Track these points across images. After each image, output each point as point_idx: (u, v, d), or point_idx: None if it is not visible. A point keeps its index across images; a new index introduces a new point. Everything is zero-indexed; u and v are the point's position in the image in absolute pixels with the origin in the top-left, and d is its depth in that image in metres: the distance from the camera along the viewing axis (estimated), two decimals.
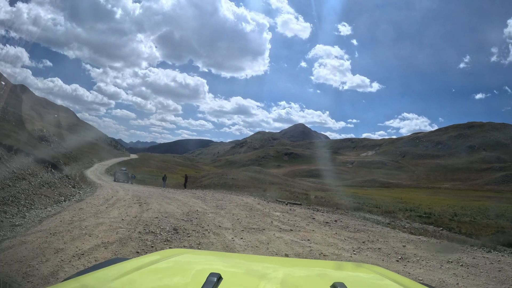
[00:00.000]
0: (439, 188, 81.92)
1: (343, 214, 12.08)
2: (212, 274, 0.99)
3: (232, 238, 7.01)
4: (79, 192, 13.89)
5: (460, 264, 6.07)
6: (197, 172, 74.13)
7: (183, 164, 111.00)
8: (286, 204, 14.60)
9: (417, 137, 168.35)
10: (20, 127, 32.35)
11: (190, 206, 11.49)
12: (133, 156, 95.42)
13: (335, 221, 10.38)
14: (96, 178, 27.34)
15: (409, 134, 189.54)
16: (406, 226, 10.58)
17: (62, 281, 1.10)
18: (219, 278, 0.99)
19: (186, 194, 16.96)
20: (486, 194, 64.20)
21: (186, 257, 1.55)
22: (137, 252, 5.49)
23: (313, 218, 10.66)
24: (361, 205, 16.21)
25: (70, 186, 14.10)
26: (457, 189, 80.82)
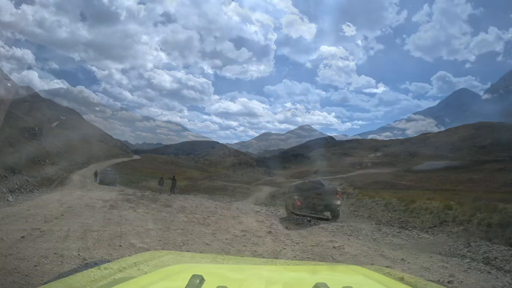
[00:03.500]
0: (453, 190, 78.26)
1: (407, 241, 8.00)
2: (194, 276, 0.98)
3: None
4: (8, 200, 10.82)
5: None
6: (201, 174, 71.71)
7: (187, 166, 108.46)
8: (309, 221, 10.86)
9: (426, 138, 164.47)
10: (7, 125, 30.02)
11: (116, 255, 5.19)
12: (136, 157, 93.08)
13: None
14: (80, 179, 24.79)
15: (416, 135, 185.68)
16: None
17: (45, 283, 1.06)
18: (202, 279, 0.98)
19: (151, 208, 11.29)
20: (508, 196, 60.56)
21: (169, 259, 1.54)
22: None
23: None
24: (401, 217, 12.91)
25: (4, 191, 11.37)
26: (473, 191, 77.17)
